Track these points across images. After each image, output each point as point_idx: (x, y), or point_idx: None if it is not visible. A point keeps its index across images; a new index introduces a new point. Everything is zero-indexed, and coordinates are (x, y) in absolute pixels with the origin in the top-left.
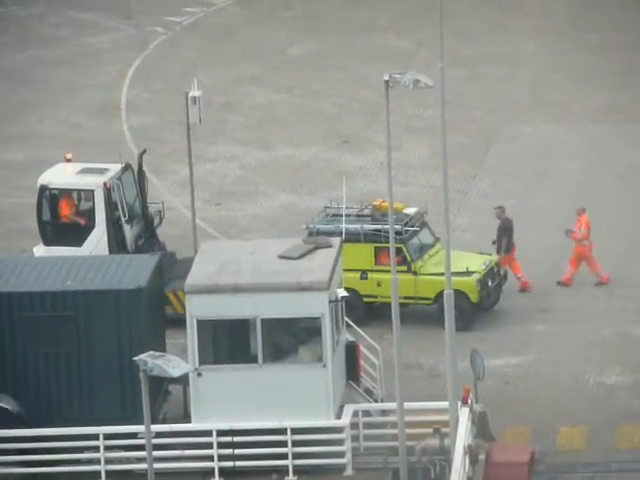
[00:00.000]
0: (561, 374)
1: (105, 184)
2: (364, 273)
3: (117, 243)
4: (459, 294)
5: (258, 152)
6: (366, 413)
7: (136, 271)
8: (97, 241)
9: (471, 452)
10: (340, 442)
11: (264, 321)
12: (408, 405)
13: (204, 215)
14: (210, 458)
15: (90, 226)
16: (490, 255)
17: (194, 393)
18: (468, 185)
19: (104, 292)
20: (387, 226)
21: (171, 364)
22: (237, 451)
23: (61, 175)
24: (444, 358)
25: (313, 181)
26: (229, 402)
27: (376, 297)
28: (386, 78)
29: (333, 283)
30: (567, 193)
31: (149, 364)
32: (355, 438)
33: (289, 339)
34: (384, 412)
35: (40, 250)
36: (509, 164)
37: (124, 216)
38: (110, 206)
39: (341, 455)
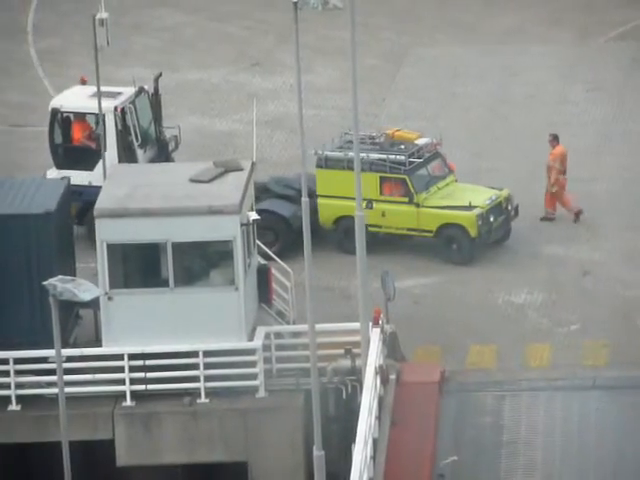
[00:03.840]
0: (470, 294)
1: (116, 108)
2: (369, 202)
3: None
4: (458, 228)
5: (167, 74)
6: (278, 335)
7: (45, 195)
8: (108, 165)
9: (382, 372)
10: (252, 364)
11: (175, 245)
12: (319, 327)
13: None
14: (122, 382)
15: (101, 150)
16: (500, 190)
17: (105, 317)
18: (378, 108)
19: (12, 216)
20: (392, 156)
21: (81, 288)
22: (149, 374)
23: (73, 98)
24: (355, 280)
25: (223, 103)
26: (140, 326)
27: (380, 227)
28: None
29: (244, 206)
30: (476, 114)
31: (59, 288)
32: (267, 360)
33: (201, 263)
34: (296, 334)
35: (53, 173)
36: (418, 86)
37: (137, 140)
38: (122, 130)
39: (253, 377)
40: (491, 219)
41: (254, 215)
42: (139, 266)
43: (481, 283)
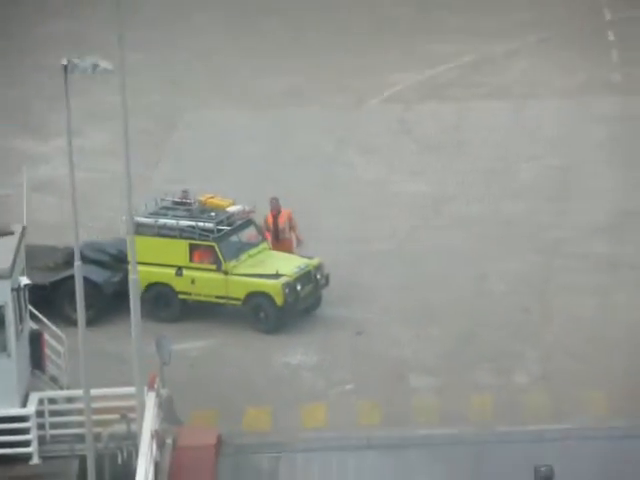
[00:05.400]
0: (247, 356)
1: None
2: (179, 269)
3: None
4: (265, 296)
5: None
6: (52, 401)
7: None
8: None
9: (158, 436)
10: (25, 431)
11: None
12: (94, 392)
13: None
14: None
15: None
16: (311, 259)
17: None
18: (151, 170)
19: None
20: (201, 223)
21: None
22: None
23: None
24: (131, 344)
25: None
26: None
27: (190, 294)
28: (64, 63)
29: (16, 271)
30: (249, 175)
31: None
32: (41, 426)
33: None
34: (70, 399)
35: None
36: (191, 149)
37: None
38: None
39: (27, 444)
40: (298, 287)
41: (25, 280)
42: None
43: (258, 345)
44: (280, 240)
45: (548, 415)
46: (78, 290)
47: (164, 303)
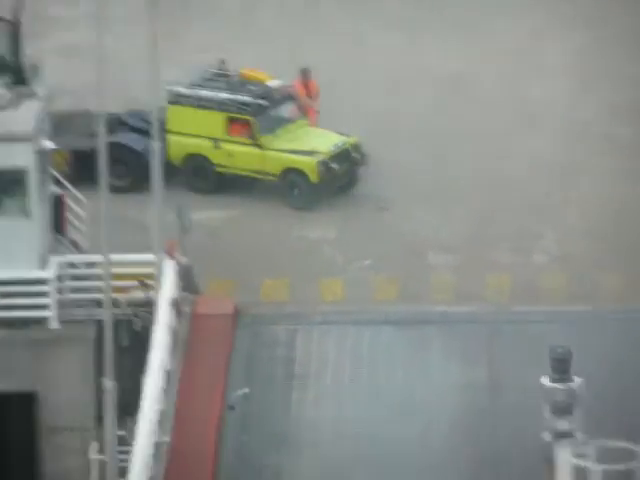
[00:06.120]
0: (265, 227)
1: None
2: (217, 142)
3: None
4: (300, 173)
5: None
6: (72, 265)
7: None
8: None
9: (176, 305)
10: (45, 294)
11: None
12: (114, 257)
13: None
14: None
15: None
16: (349, 137)
17: None
18: (177, 38)
19: None
20: (239, 96)
21: None
22: None
23: None
24: (151, 211)
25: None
26: None
27: (227, 167)
28: None
29: (39, 134)
30: (274, 45)
31: None
32: (60, 290)
33: None
34: (90, 265)
35: None
36: (219, 15)
37: None
38: None
39: (46, 307)
40: (333, 165)
41: (50, 143)
42: None
43: (278, 218)
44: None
45: (565, 296)
46: (101, 155)
47: (201, 175)
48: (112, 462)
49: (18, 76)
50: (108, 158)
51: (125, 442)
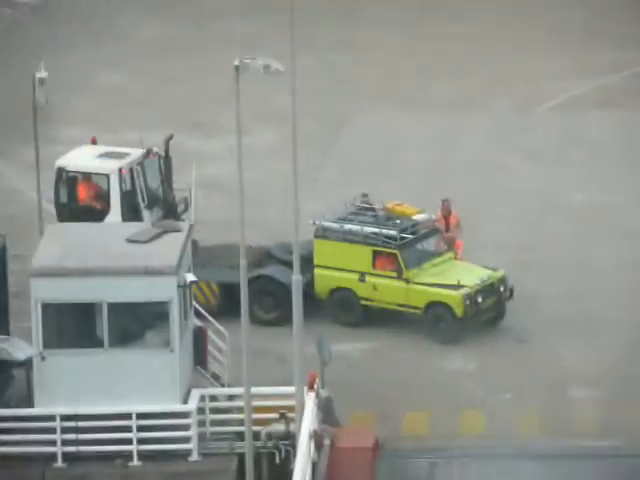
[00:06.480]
0: (406, 360)
1: (120, 169)
2: (362, 275)
3: None
4: (444, 306)
5: (106, 135)
6: (213, 398)
7: None
8: None
9: (316, 437)
10: (186, 427)
11: (111, 305)
12: (255, 390)
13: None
14: (53, 443)
15: (106, 210)
16: (495, 270)
17: (38, 377)
18: (317, 172)
19: None
20: (385, 230)
21: (15, 347)
22: (81, 436)
23: (79, 158)
24: (291, 344)
25: None
26: (74, 386)
27: (372, 300)
28: (237, 63)
29: (182, 268)
30: (413, 179)
31: None
32: (201, 423)
33: (136, 323)
34: (231, 397)
35: None
36: (358, 152)
37: (143, 202)
38: (128, 191)
39: (187, 440)
40: (479, 299)
41: (191, 277)
42: (74, 326)
43: (416, 349)
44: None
45: None
46: (243, 287)
47: (347, 308)
48: None
49: (169, 209)
50: (256, 290)
51: None
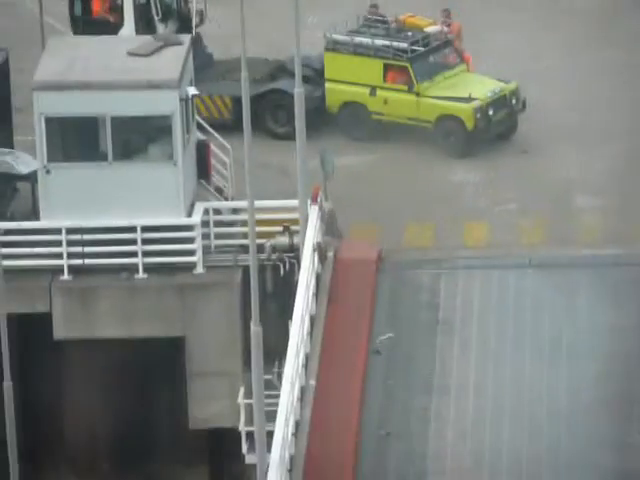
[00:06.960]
0: (408, 172)
1: None
2: (373, 89)
3: None
4: (455, 120)
5: None
6: (217, 211)
7: None
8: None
9: (320, 249)
10: (190, 240)
11: (114, 119)
12: (258, 203)
13: (51, 10)
14: (59, 256)
15: (120, 23)
16: (508, 83)
17: (42, 190)
18: None
19: None
20: (396, 43)
21: (19, 161)
22: (86, 249)
23: None
24: (294, 157)
25: None
26: (78, 200)
27: (383, 114)
28: None
29: (184, 81)
30: None
31: None
32: (206, 236)
33: (139, 137)
34: (235, 210)
35: None
36: None
37: (157, 15)
38: (141, 3)
39: (192, 253)
40: (490, 112)
41: (193, 90)
42: (77, 140)
43: (420, 162)
44: None
45: None
46: (244, 101)
47: (358, 122)
48: (259, 406)
49: (183, 23)
50: (270, 104)
51: (272, 386)
